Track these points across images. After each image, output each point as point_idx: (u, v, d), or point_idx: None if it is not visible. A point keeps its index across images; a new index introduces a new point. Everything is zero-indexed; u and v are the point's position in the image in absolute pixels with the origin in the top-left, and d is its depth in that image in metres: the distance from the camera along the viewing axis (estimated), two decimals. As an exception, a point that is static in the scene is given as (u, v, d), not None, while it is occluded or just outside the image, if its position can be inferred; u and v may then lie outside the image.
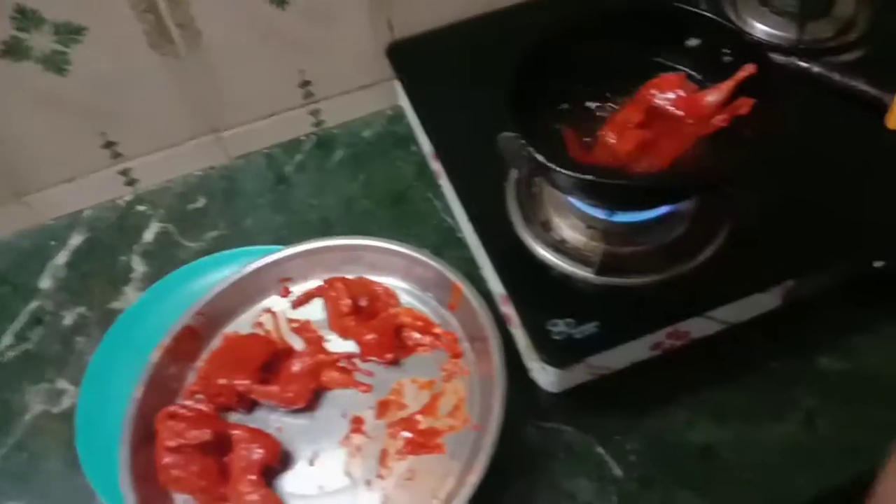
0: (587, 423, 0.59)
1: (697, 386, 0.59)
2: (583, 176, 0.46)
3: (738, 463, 0.56)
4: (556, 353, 0.53)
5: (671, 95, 0.54)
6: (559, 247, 0.57)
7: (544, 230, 0.59)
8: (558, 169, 0.47)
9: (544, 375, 0.56)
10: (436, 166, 0.70)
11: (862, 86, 0.64)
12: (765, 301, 0.57)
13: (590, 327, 0.54)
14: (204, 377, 0.60)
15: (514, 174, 0.63)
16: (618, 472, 0.56)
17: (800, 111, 0.63)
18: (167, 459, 0.55)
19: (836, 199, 0.59)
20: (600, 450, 0.58)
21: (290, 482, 0.56)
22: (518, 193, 0.61)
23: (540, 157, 0.48)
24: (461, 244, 0.70)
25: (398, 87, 0.75)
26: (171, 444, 0.55)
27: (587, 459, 0.57)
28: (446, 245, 0.71)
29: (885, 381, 0.59)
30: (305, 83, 0.76)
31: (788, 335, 0.60)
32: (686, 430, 0.58)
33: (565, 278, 0.56)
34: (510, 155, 0.55)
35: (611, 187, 0.47)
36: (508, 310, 0.58)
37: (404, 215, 0.74)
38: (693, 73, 0.57)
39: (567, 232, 0.58)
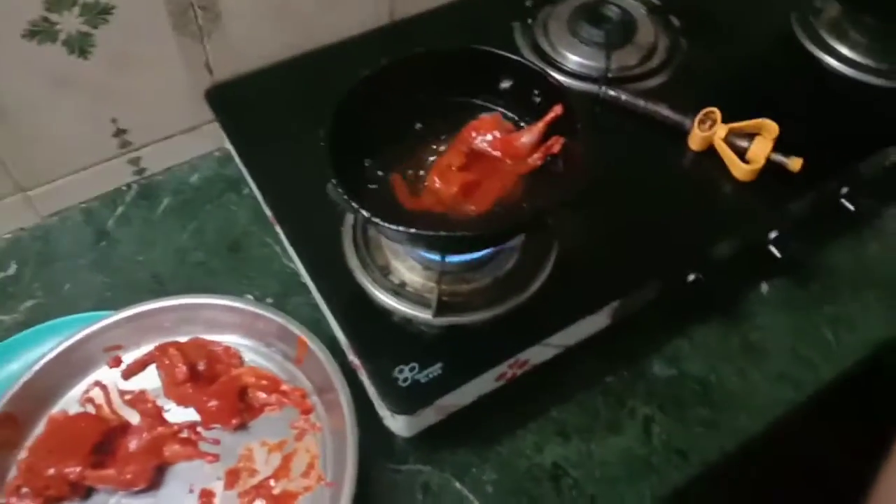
0: (443, 461, 0.60)
1: (542, 409, 0.62)
2: (403, 229, 0.47)
3: (585, 480, 0.59)
4: (404, 401, 0.53)
5: (489, 137, 0.56)
6: (399, 291, 0.58)
7: (383, 275, 0.59)
8: (381, 223, 0.47)
9: (395, 423, 0.56)
10: (269, 213, 0.68)
11: (664, 111, 0.69)
12: (595, 322, 0.60)
13: (434, 370, 0.54)
14: (28, 469, 0.55)
15: (349, 220, 0.62)
16: (475, 502, 0.58)
17: (611, 137, 0.67)
18: (-9, 571, 0.50)
19: (650, 219, 0.64)
20: (458, 485, 0.59)
21: (138, 571, 0.53)
22: (355, 239, 0.61)
23: (365, 213, 0.48)
24: (305, 290, 0.69)
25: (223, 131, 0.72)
26: (-8, 554, 0.50)
27: (446, 496, 0.58)
28: (291, 292, 0.69)
29: (706, 382, 0.64)
30: (120, 132, 0.72)
31: (619, 350, 0.65)
32: (535, 453, 0.60)
33: (407, 322, 0.57)
34: (341, 203, 0.55)
35: (433, 238, 0.48)
36: (355, 358, 0.58)
37: (243, 264, 0.71)
38: (509, 113, 0.59)
39: (406, 275, 0.59)
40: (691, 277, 0.63)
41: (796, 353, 0.66)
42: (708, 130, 0.66)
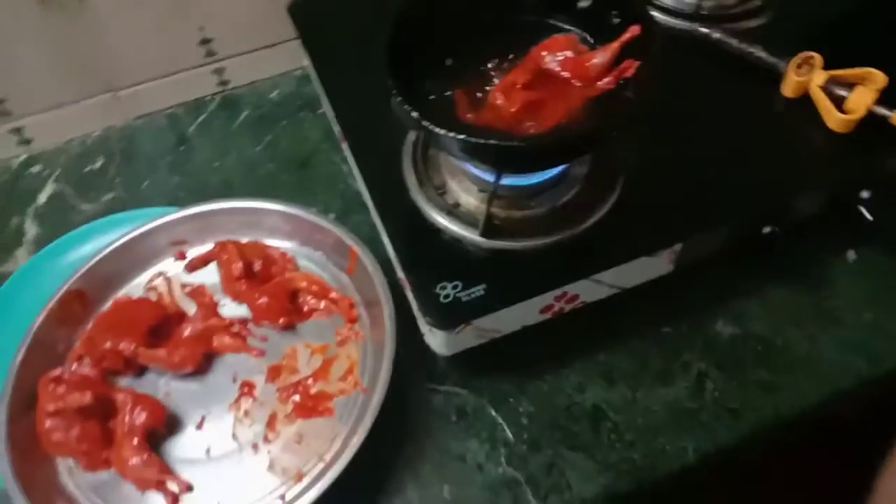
0: (480, 386, 0.59)
1: (588, 349, 0.60)
2: (454, 135, 0.46)
3: (625, 425, 0.57)
4: (442, 316, 0.52)
5: (560, 56, 0.54)
6: (452, 210, 0.57)
7: (438, 194, 0.58)
8: (431, 127, 0.46)
9: (434, 339, 0.55)
10: (337, 129, 0.69)
11: (759, 52, 0.64)
12: (655, 266, 0.58)
13: (477, 290, 0.53)
14: (88, 341, 0.58)
15: (411, 137, 0.62)
16: (509, 434, 0.57)
17: (698, 76, 0.63)
18: (47, 424, 0.54)
19: (727, 164, 0.60)
20: (493, 412, 0.58)
21: (176, 446, 0.55)
22: (414, 157, 0.60)
23: (415, 115, 0.47)
24: (366, 209, 0.69)
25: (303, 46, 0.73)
26: (51, 408, 0.54)
27: (479, 422, 0.58)
28: (352, 210, 0.70)
29: (771, 344, 0.60)
30: (206, 41, 0.74)
31: (679, 300, 0.61)
32: (576, 393, 0.58)
33: (456, 242, 0.56)
34: (403, 118, 0.54)
35: (484, 147, 0.47)
36: (402, 273, 0.58)
37: (310, 179, 0.73)
38: (585, 34, 0.56)
39: (461, 196, 0.58)
40: (766, 230, 0.59)
41: (876, 324, 0.61)
42: (805, 75, 0.61)
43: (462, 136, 0.46)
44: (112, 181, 0.73)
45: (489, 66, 0.57)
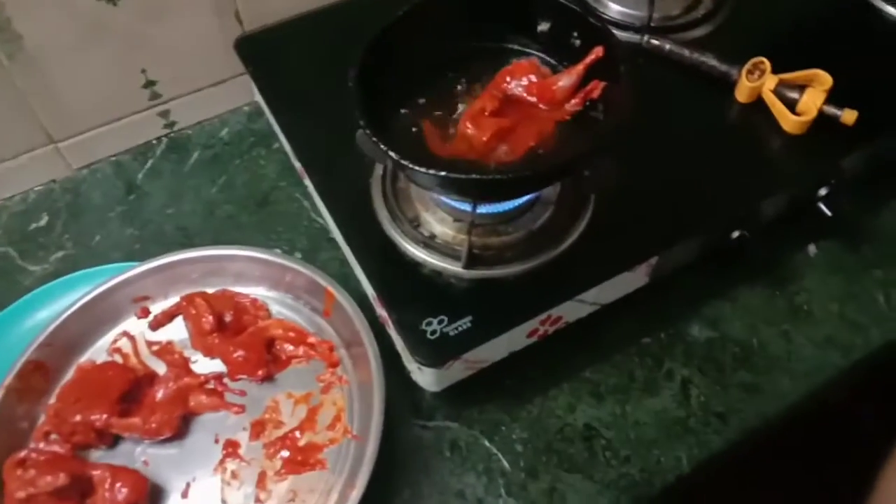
0: (471, 418, 0.58)
1: (576, 368, 0.60)
2: (434, 172, 0.45)
3: (619, 441, 0.57)
4: (432, 354, 0.51)
5: (524, 82, 0.54)
6: (429, 243, 0.56)
7: (412, 227, 0.57)
8: (411, 166, 0.45)
9: (423, 376, 0.54)
10: (298, 165, 0.67)
11: (711, 61, 0.65)
12: (632, 279, 0.58)
13: (463, 323, 0.53)
14: (55, 415, 0.55)
15: (378, 170, 0.60)
16: (505, 464, 0.56)
17: (654, 89, 0.64)
18: (18, 513, 0.50)
19: (692, 173, 0.61)
20: (486, 443, 0.57)
21: (162, 519, 0.53)
22: (384, 190, 0.59)
23: (393, 155, 0.46)
24: (335, 245, 0.67)
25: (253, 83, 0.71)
26: (21, 494, 0.50)
27: (474, 454, 0.57)
28: (319, 247, 0.68)
29: (748, 346, 0.61)
30: (150, 83, 0.71)
31: (657, 310, 0.62)
32: (567, 413, 0.58)
33: (436, 275, 0.55)
34: (371, 152, 0.53)
35: (464, 182, 0.46)
36: (384, 311, 0.56)
37: (271, 218, 0.70)
38: (546, 57, 0.56)
39: (436, 227, 0.57)
40: (735, 234, 0.60)
41: (844, 317, 0.63)
42: (756, 81, 0.63)
43: (442, 173, 0.45)
44: (60, 238, 0.69)
45: (455, 94, 0.56)
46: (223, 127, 0.77)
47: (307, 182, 0.66)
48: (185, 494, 0.53)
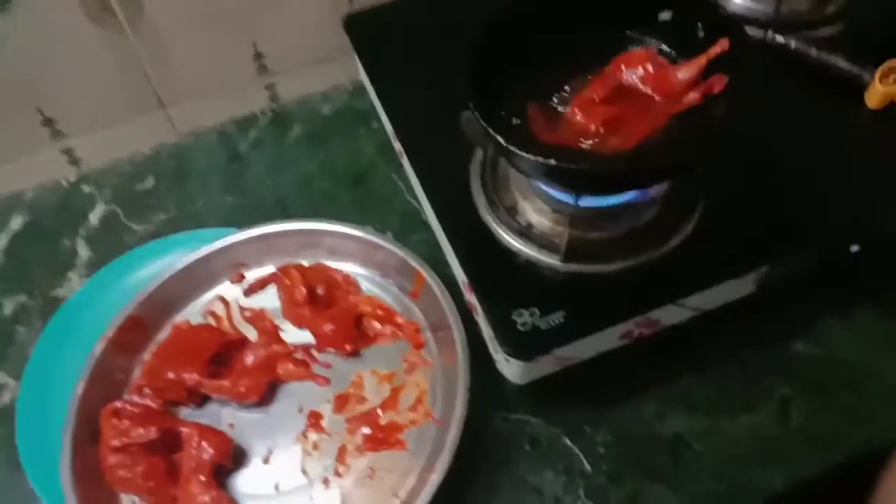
0: (555, 415, 0.57)
1: (668, 375, 0.57)
2: (542, 160, 0.43)
3: (709, 455, 0.54)
4: (522, 346, 0.50)
5: (640, 71, 0.51)
6: (525, 232, 0.55)
7: (509, 215, 0.56)
8: (517, 151, 0.44)
9: (509, 368, 0.53)
10: (397, 145, 0.67)
11: (840, 62, 0.61)
12: (738, 287, 0.55)
13: (556, 317, 0.51)
14: (150, 371, 0.57)
15: (478, 155, 0.59)
16: (586, 465, 0.54)
17: (776, 88, 0.60)
18: (112, 460, 0.52)
19: (812, 180, 0.57)
20: (568, 442, 0.56)
21: (243, 481, 0.54)
22: (483, 175, 0.58)
23: (499, 138, 0.44)
24: (426, 227, 0.67)
25: (358, 60, 0.71)
26: (116, 443, 0.52)
27: (554, 452, 0.55)
28: (411, 228, 0.67)
29: (857, 367, 0.57)
30: (258, 56, 0.72)
31: (761, 322, 0.59)
32: (656, 421, 0.56)
33: (530, 265, 0.54)
34: (473, 135, 0.52)
35: (573, 172, 0.44)
36: (473, 298, 0.55)
37: (366, 196, 0.71)
38: (665, 47, 0.54)
39: (533, 216, 0.55)
40: (854, 249, 0.56)
41: (972, 350, 0.57)
42: (891, 85, 0.58)
43: (551, 161, 0.43)
44: (164, 201, 0.71)
45: (565, 81, 0.54)
46: (326, 103, 0.78)
47: (405, 162, 0.66)
48: (266, 460, 0.54)
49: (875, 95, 0.59)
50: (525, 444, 0.56)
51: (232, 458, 0.53)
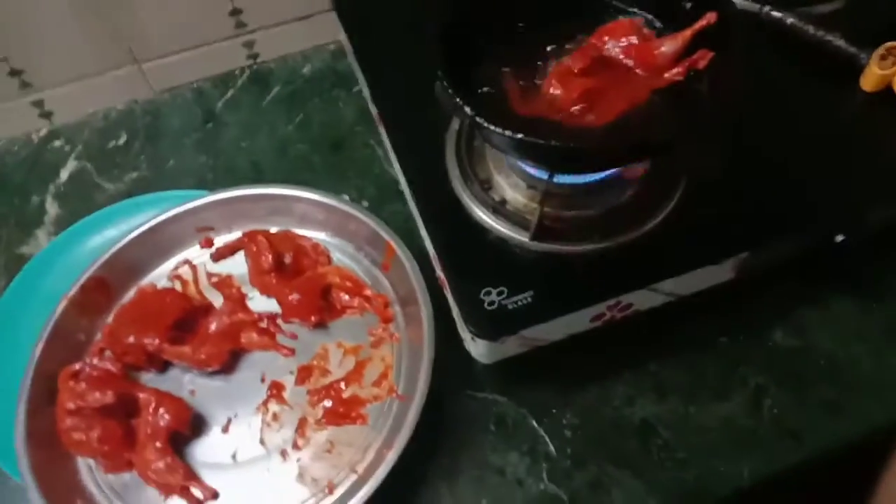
0: (522, 395, 0.55)
1: (640, 360, 0.56)
2: (509, 134, 0.41)
3: (677, 442, 0.53)
4: (487, 325, 0.49)
5: (623, 42, 0.49)
6: (498, 208, 0.53)
7: (483, 189, 0.54)
8: (486, 125, 0.42)
9: (475, 346, 0.52)
10: (375, 111, 0.64)
11: (837, 41, 0.59)
12: (716, 273, 0.53)
13: (524, 297, 0.49)
14: (110, 334, 0.56)
15: (455, 127, 0.57)
16: (551, 448, 0.53)
17: (766, 66, 0.58)
18: (67, 422, 0.51)
19: (800, 165, 0.55)
20: (534, 423, 0.55)
21: (201, 450, 0.53)
22: (458, 147, 0.56)
23: (467, 109, 0.42)
24: (402, 198, 0.65)
25: (338, 20, 0.68)
26: (71, 406, 0.51)
27: (520, 433, 0.54)
28: (387, 198, 0.66)
29: (835, 359, 0.56)
30: (236, 11, 0.69)
31: (739, 310, 0.57)
32: (625, 406, 0.55)
33: (501, 243, 0.52)
34: (446, 105, 0.50)
35: (539, 147, 0.42)
36: (442, 274, 0.54)
37: (343, 163, 0.69)
38: (651, 18, 0.51)
39: (507, 192, 0.54)
40: (839, 239, 0.54)
41: (951, 343, 0.56)
42: (889, 68, 0.56)
43: (518, 136, 0.41)
44: (136, 159, 0.70)
45: (544, 51, 0.52)
46: (306, 63, 0.75)
47: (382, 130, 0.64)
48: (225, 429, 0.53)
49: (871, 78, 0.57)
50: (490, 423, 0.55)
51: (190, 425, 0.53)
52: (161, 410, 0.52)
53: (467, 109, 0.43)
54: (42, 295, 0.59)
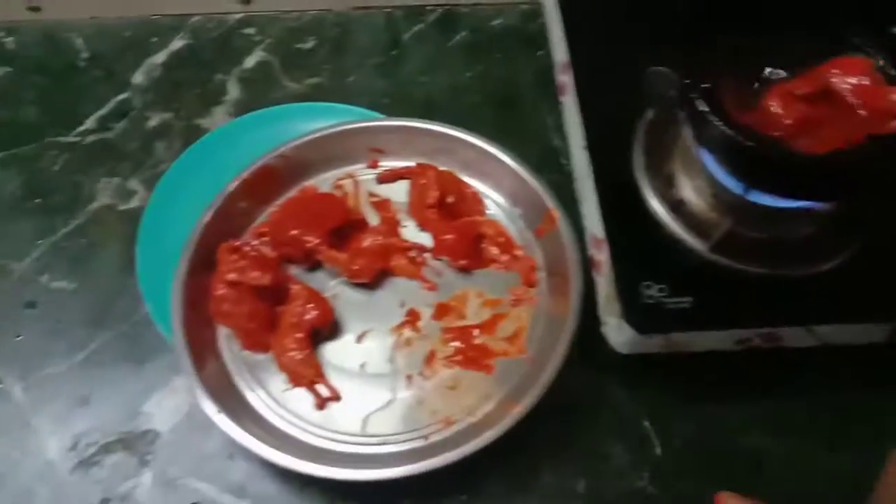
0: (642, 394, 0.56)
1: (768, 392, 0.56)
2: (741, 139, 0.41)
3: (783, 481, 0.53)
4: (642, 318, 0.49)
5: (853, 81, 0.48)
6: (676, 207, 0.53)
7: (665, 185, 0.54)
8: (717, 122, 0.41)
9: (617, 334, 0.52)
10: (563, 79, 0.65)
11: None
12: (871, 332, 0.52)
13: (684, 301, 0.50)
14: (276, 222, 0.58)
15: (648, 115, 0.57)
16: (658, 451, 0.54)
17: None
18: (221, 291, 0.54)
19: None
20: (647, 423, 0.55)
21: (332, 352, 0.55)
22: (647, 137, 0.56)
23: (702, 106, 0.43)
24: (561, 170, 0.66)
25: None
26: (230, 277, 0.54)
27: (631, 429, 0.55)
28: (545, 167, 0.65)
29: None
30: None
31: (882, 372, 0.56)
32: (740, 432, 0.55)
33: (673, 242, 0.52)
34: (655, 92, 0.50)
35: (775, 161, 0.42)
36: (599, 255, 0.55)
37: (511, 121, 0.69)
38: (886, 65, 0.50)
39: (688, 194, 0.54)
40: None
41: None
42: None
43: (750, 144, 0.41)
44: (319, 66, 0.72)
45: (768, 66, 0.51)
46: (497, 17, 0.76)
47: (566, 99, 0.64)
48: (359, 340, 0.55)
49: None
50: (603, 410, 0.56)
51: (330, 327, 0.55)
52: (309, 306, 0.54)
53: (702, 106, 0.43)
54: (212, 167, 0.62)
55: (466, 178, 0.62)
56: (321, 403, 0.53)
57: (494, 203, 0.62)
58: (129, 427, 0.53)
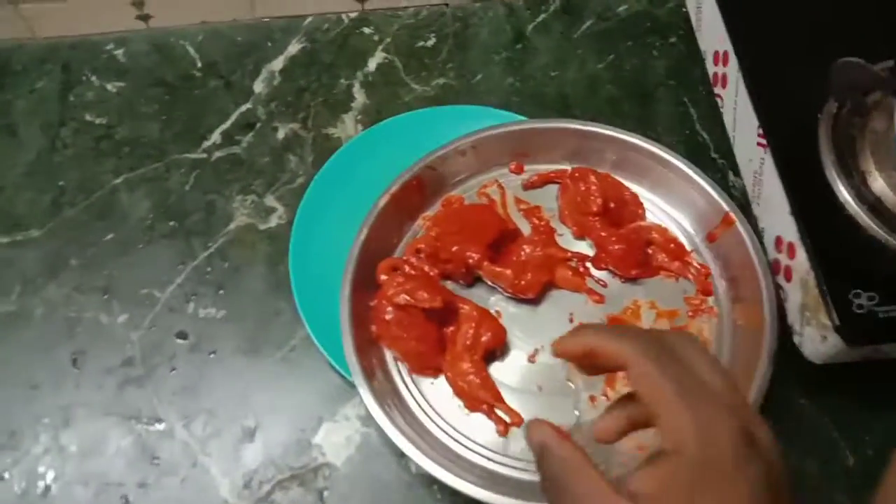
0: (828, 403, 0.53)
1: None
2: None
3: None
4: (854, 329, 0.46)
5: None
6: (874, 206, 0.49)
7: (860, 183, 0.50)
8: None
9: (815, 344, 0.49)
10: (719, 70, 0.61)
11: None
12: None
13: (894, 310, 0.46)
14: (436, 238, 0.55)
15: (831, 107, 0.53)
16: (850, 461, 0.51)
17: None
18: (390, 315, 0.52)
19: None
20: (835, 434, 0.52)
21: (504, 373, 0.53)
22: (833, 132, 0.52)
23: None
24: (714, 166, 0.62)
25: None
26: (400, 300, 0.51)
27: (818, 439, 0.52)
28: (696, 164, 0.62)
29: None
30: (586, -67, 0.66)
31: None
32: (936, 440, 0.52)
33: (878, 245, 0.49)
34: (844, 83, 0.46)
35: None
36: (787, 260, 0.51)
37: (652, 115, 0.66)
38: None
39: (886, 191, 0.50)
40: None
41: None
42: None
43: None
44: (444, 65, 0.68)
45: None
46: (622, 2, 0.72)
47: (722, 92, 0.60)
48: (532, 359, 0.53)
49: None
50: (788, 420, 0.53)
51: (503, 348, 0.52)
52: (482, 329, 0.51)
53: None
54: (351, 181, 0.60)
55: (620, 179, 0.59)
56: (504, 429, 0.50)
57: (652, 204, 0.58)
58: (301, 462, 0.51)
